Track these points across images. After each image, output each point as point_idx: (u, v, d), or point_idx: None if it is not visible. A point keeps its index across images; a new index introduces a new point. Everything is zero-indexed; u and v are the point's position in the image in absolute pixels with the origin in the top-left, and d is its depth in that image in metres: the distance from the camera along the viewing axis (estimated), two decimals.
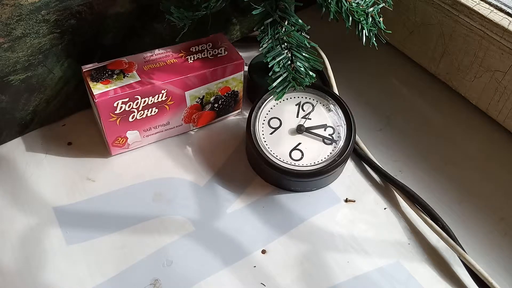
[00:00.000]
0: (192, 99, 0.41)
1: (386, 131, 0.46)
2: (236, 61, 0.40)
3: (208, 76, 0.40)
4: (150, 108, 0.39)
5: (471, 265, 0.34)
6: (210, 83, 0.40)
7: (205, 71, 0.39)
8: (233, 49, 0.42)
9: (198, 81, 0.40)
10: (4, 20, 0.35)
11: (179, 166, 0.42)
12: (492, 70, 0.42)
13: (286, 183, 0.40)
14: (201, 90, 0.40)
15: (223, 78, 0.41)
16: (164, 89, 0.38)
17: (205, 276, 0.35)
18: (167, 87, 0.38)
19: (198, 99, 0.41)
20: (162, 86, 0.38)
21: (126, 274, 0.35)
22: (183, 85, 0.39)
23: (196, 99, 0.41)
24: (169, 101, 0.39)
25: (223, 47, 0.41)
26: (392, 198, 0.40)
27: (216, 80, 0.41)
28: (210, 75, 0.40)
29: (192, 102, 0.41)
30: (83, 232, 0.37)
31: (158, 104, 0.39)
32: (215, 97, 0.42)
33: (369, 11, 0.35)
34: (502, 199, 0.40)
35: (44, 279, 0.34)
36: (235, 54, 0.41)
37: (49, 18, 0.37)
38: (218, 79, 0.41)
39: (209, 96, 0.42)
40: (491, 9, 0.40)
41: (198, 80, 0.39)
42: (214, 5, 0.36)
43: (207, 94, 0.41)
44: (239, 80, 0.42)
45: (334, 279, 0.35)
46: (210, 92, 0.41)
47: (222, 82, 0.41)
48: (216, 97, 0.42)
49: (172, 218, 0.38)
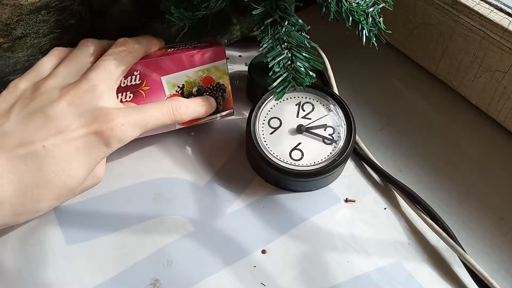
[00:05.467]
0: (170, 87, 0.39)
1: (386, 131, 0.46)
2: (216, 47, 0.39)
3: (184, 60, 0.38)
4: (124, 93, 0.37)
5: (471, 265, 0.34)
6: (188, 69, 0.39)
7: (181, 54, 0.38)
8: (217, 42, 0.40)
9: (173, 65, 0.38)
10: (4, 20, 0.35)
11: (179, 166, 0.42)
12: (492, 70, 0.42)
13: (286, 183, 0.40)
14: (179, 76, 0.39)
15: (202, 65, 0.39)
16: (136, 70, 0.37)
17: (205, 276, 0.35)
18: (140, 69, 0.37)
19: (178, 88, 0.39)
20: (134, 67, 0.37)
21: (126, 274, 0.35)
22: (157, 68, 0.38)
23: (176, 88, 0.39)
24: (144, 85, 0.38)
25: (208, 42, 0.40)
26: (392, 198, 0.40)
27: (194, 66, 0.39)
28: (186, 59, 0.38)
29: (171, 91, 0.39)
30: (83, 232, 0.37)
31: (132, 88, 0.37)
32: (198, 88, 0.40)
33: (369, 11, 0.35)
34: (502, 199, 0.40)
35: (44, 279, 0.34)
36: (216, 43, 0.40)
37: (49, 18, 0.37)
38: (197, 66, 0.39)
39: (190, 86, 0.40)
40: (491, 9, 0.40)
41: (173, 64, 0.38)
42: (214, 5, 0.36)
43: (187, 83, 0.39)
44: (222, 71, 0.40)
45: (334, 279, 0.35)
46: (191, 81, 0.39)
47: (203, 70, 0.39)
48: (199, 88, 0.40)
49: (172, 218, 0.38)
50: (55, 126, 0.31)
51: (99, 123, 0.32)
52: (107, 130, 0.32)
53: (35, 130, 0.31)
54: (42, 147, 0.30)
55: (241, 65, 0.51)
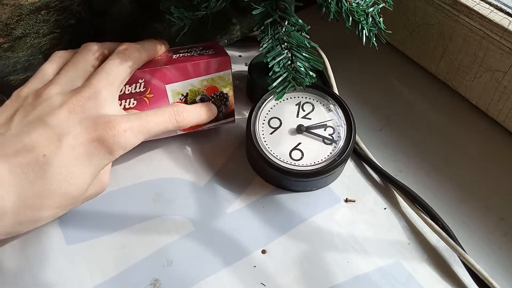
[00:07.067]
0: (174, 95, 0.39)
1: (386, 131, 0.46)
2: (221, 57, 0.39)
3: (189, 70, 0.38)
4: (128, 100, 0.37)
5: (471, 265, 0.34)
6: (193, 78, 0.39)
7: (186, 63, 0.38)
8: (222, 50, 0.40)
9: (178, 74, 0.38)
10: (4, 20, 0.35)
11: (179, 166, 0.42)
12: (492, 70, 0.42)
13: (286, 183, 0.40)
14: (183, 85, 0.39)
15: (207, 75, 0.39)
16: (141, 78, 0.37)
17: (205, 276, 0.35)
18: (145, 77, 0.37)
19: (181, 96, 0.39)
20: (139, 75, 0.37)
21: (126, 274, 0.35)
22: (162, 76, 0.38)
23: (180, 96, 0.39)
24: (148, 93, 0.38)
25: (213, 50, 0.40)
26: (392, 198, 0.40)
27: (199, 76, 0.39)
28: (192, 68, 0.38)
29: (175, 99, 0.39)
30: (83, 232, 0.37)
31: (136, 95, 0.37)
32: (201, 97, 0.40)
33: (369, 11, 0.35)
34: (502, 199, 0.40)
35: (44, 279, 0.34)
36: (222, 52, 0.39)
37: (49, 18, 0.37)
38: (202, 75, 0.39)
39: (193, 94, 0.40)
40: (491, 9, 0.40)
41: (178, 72, 0.38)
42: (214, 5, 0.36)
43: (191, 92, 0.39)
44: (227, 81, 0.40)
45: (334, 279, 0.35)
46: (195, 89, 0.39)
47: (207, 79, 0.39)
48: (202, 97, 0.40)
49: (172, 218, 0.38)
50: (55, 134, 0.31)
51: (100, 131, 0.32)
52: (109, 137, 0.32)
53: (35, 139, 0.31)
54: (42, 156, 0.30)
55: (241, 65, 0.51)
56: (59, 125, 0.31)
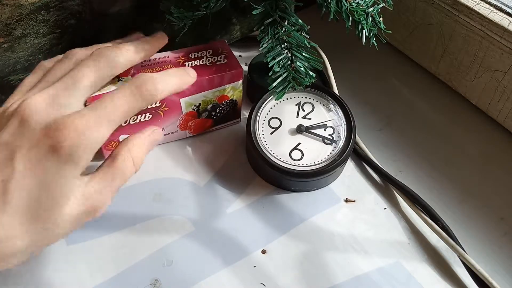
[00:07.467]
0: (187, 106, 0.40)
1: (386, 131, 0.46)
2: (235, 70, 0.39)
3: (205, 84, 0.39)
4: (143, 114, 0.38)
5: (471, 265, 0.34)
6: (207, 91, 0.39)
7: (202, 78, 0.38)
8: (233, 57, 0.40)
9: (194, 88, 0.38)
10: (4, 20, 0.35)
11: (179, 166, 0.42)
12: (492, 70, 0.42)
13: (286, 183, 0.40)
14: (197, 97, 0.39)
15: (220, 87, 0.40)
16: None
17: (205, 276, 0.35)
18: None
19: (194, 107, 0.40)
20: None
21: (126, 274, 0.35)
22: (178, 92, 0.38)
23: (192, 106, 0.40)
24: (163, 107, 0.38)
25: (223, 55, 0.40)
26: (392, 198, 0.40)
27: (213, 88, 0.39)
28: (207, 83, 0.39)
29: (188, 109, 0.40)
30: (83, 232, 0.37)
31: (151, 110, 0.38)
32: (213, 105, 0.41)
33: (369, 11, 0.35)
34: (502, 199, 0.40)
35: (44, 279, 0.34)
36: (234, 62, 0.40)
37: (49, 18, 0.37)
38: (216, 87, 0.40)
39: (205, 104, 0.41)
40: (491, 9, 0.40)
41: (194, 87, 0.38)
42: (214, 5, 0.36)
43: (203, 102, 0.40)
44: (237, 90, 0.41)
45: (334, 279, 0.35)
46: (207, 100, 0.40)
47: (220, 90, 0.40)
48: (213, 105, 0.41)
49: (172, 218, 0.38)
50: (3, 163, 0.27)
51: (48, 138, 0.27)
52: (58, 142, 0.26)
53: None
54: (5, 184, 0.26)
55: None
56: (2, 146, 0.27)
